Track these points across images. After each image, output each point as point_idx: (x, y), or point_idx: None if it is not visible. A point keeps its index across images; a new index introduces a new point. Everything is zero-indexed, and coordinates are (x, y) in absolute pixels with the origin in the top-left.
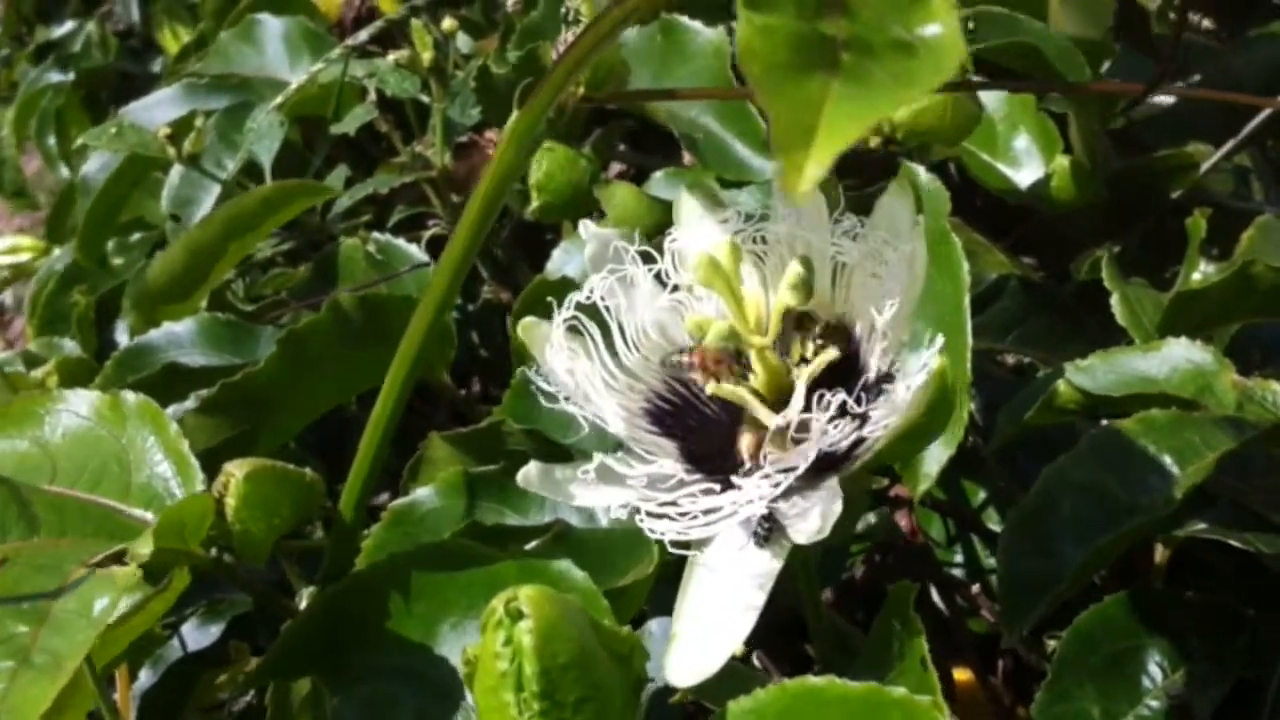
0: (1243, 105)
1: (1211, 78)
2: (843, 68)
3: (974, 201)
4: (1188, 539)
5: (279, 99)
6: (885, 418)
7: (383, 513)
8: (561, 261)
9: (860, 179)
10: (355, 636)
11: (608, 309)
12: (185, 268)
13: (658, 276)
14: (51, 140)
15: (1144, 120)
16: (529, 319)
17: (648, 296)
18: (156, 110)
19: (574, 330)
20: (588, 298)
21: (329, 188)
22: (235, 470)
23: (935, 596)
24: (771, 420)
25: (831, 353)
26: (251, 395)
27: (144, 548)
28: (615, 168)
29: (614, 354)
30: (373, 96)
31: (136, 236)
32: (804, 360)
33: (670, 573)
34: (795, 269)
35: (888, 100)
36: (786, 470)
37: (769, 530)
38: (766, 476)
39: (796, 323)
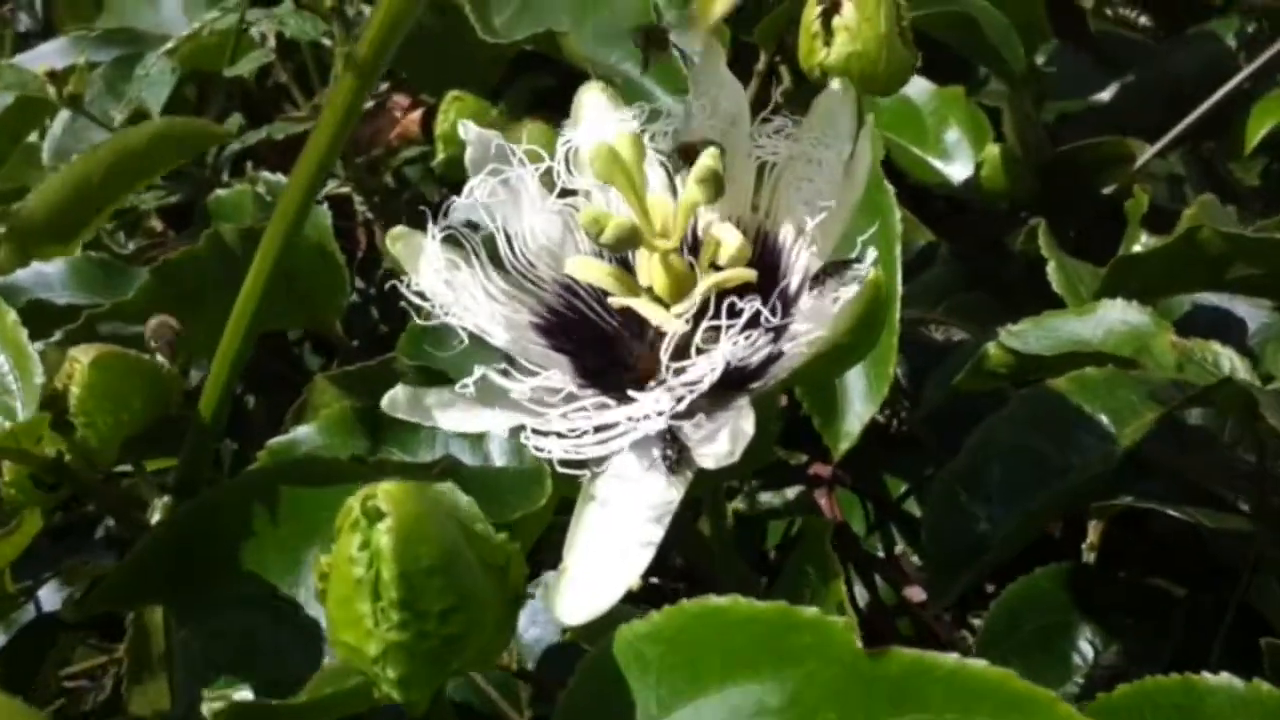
0: (1178, 105)
1: (1148, 76)
2: None
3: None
4: (1118, 523)
5: (171, 43)
6: (806, 332)
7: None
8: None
9: None
10: (210, 560)
11: (491, 215)
12: (66, 203)
13: (549, 182)
14: None
15: (1078, 115)
16: (399, 229)
17: (535, 200)
18: (42, 61)
19: (454, 242)
20: (467, 199)
21: (224, 130)
22: (81, 356)
23: (857, 585)
24: (670, 325)
25: (744, 272)
26: (120, 329)
27: None
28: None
29: (498, 263)
30: (271, 43)
31: (18, 206)
32: (715, 268)
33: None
34: (704, 161)
35: None
36: (690, 384)
37: (677, 456)
38: (669, 390)
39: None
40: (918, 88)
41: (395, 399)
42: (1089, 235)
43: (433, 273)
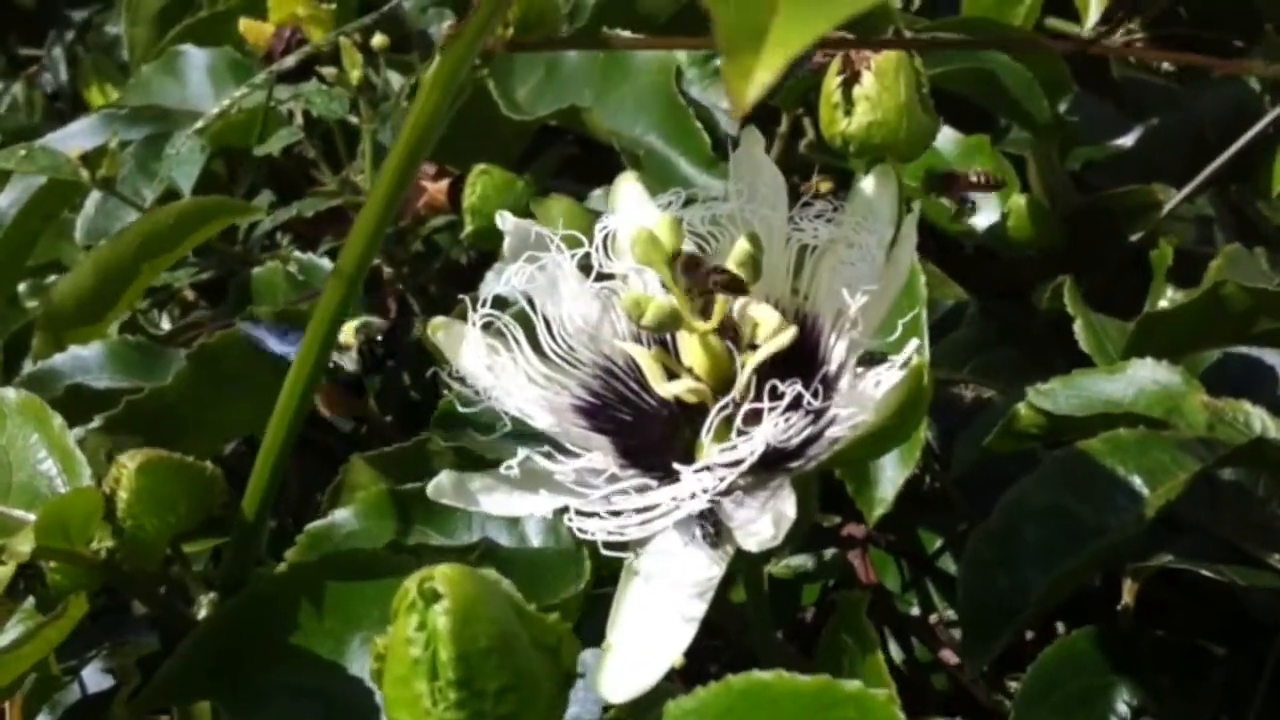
0: (1204, 148)
1: (1172, 120)
2: None
3: (927, 246)
4: (1155, 579)
5: (200, 123)
6: (847, 416)
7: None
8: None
9: None
10: (257, 653)
11: (530, 303)
12: (94, 288)
13: (587, 268)
14: None
15: (1103, 163)
16: (440, 319)
17: (573, 285)
18: (72, 141)
19: (492, 327)
20: (505, 287)
21: (250, 206)
22: (128, 461)
23: (893, 646)
24: (711, 406)
25: (784, 338)
26: (159, 414)
27: (24, 545)
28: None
29: (538, 348)
30: (299, 120)
31: (51, 279)
32: (753, 347)
33: (606, 602)
34: (742, 244)
35: None
36: (731, 465)
37: (715, 533)
38: (709, 470)
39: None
40: (942, 136)
41: (441, 486)
42: (1118, 281)
43: (474, 359)
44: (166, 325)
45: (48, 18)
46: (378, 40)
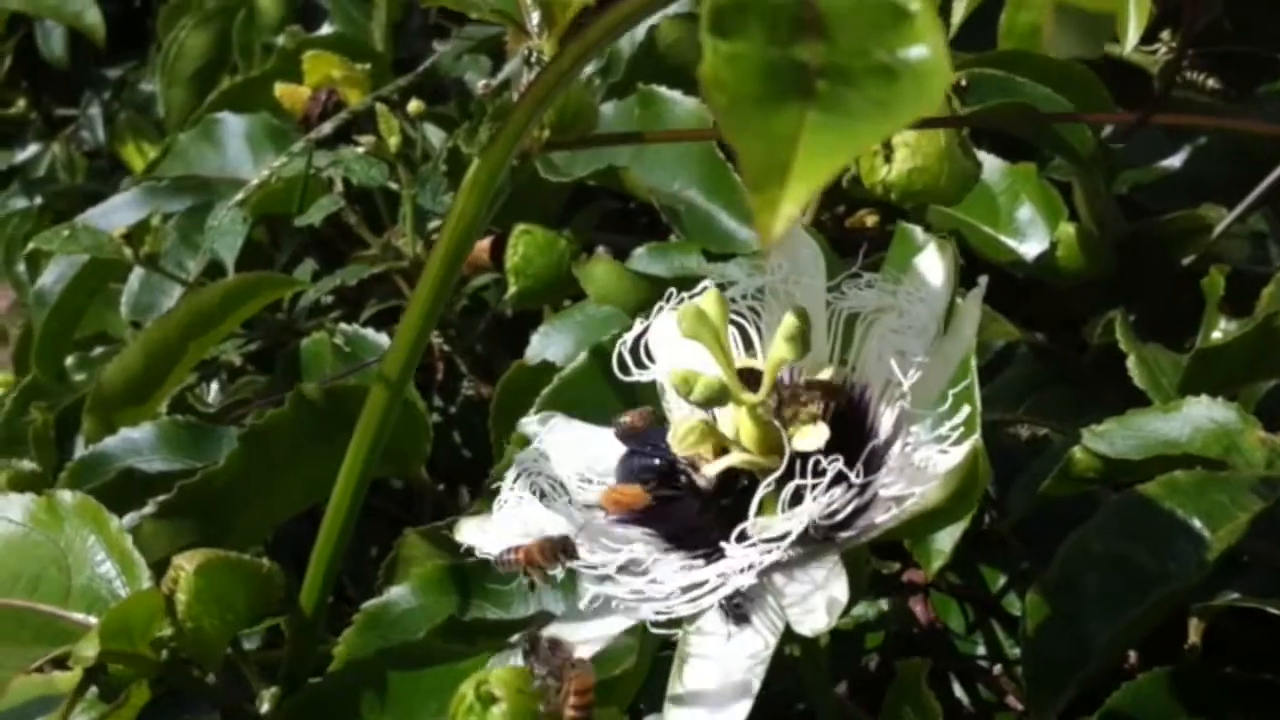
0: (1254, 165)
1: (1219, 138)
2: (818, 97)
3: (973, 279)
4: (1222, 615)
5: (240, 195)
6: (899, 490)
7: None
8: (541, 346)
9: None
10: None
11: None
12: (143, 368)
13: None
14: (21, 268)
15: (1151, 184)
16: (462, 523)
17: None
18: (114, 215)
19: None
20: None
21: (295, 280)
22: (185, 563)
23: (956, 688)
24: (763, 478)
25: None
26: (213, 497)
27: (88, 650)
28: (598, 252)
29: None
30: (339, 187)
31: (98, 351)
32: (800, 420)
33: (668, 666)
34: (790, 319)
35: (869, 131)
36: (774, 540)
37: (739, 606)
38: (753, 545)
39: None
40: (989, 166)
41: None
42: (1170, 302)
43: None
44: (215, 389)
45: (81, 77)
46: (413, 106)
